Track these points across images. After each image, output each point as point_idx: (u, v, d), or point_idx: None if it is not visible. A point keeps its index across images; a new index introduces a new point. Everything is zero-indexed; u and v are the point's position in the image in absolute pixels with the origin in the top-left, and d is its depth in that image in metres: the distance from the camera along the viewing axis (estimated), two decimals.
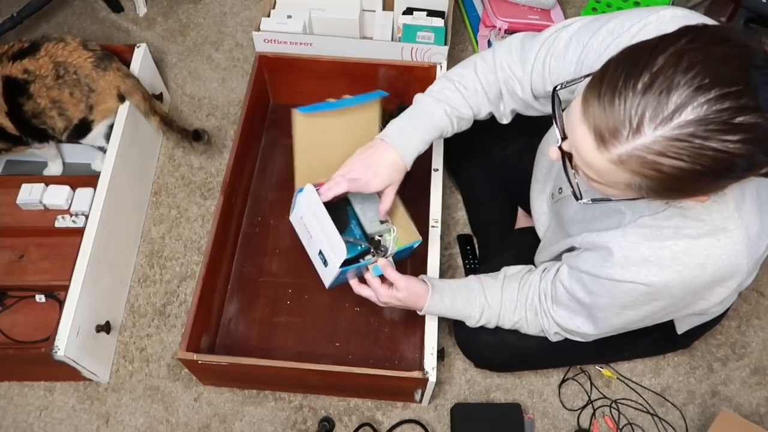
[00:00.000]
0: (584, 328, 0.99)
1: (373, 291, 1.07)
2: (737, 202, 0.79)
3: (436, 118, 1.06)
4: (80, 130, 1.39)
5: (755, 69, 0.62)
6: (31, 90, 1.30)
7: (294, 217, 1.18)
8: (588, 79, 0.70)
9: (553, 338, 1.06)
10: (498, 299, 1.05)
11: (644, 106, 0.64)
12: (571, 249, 0.99)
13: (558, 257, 1.04)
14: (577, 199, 0.77)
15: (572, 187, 0.77)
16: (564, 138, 0.75)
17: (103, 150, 1.44)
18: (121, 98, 1.39)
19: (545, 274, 1.02)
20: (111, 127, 1.40)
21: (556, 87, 0.78)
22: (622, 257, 0.85)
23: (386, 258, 1.11)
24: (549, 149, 0.78)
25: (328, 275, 1.11)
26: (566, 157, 0.75)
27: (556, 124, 0.77)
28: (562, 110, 0.78)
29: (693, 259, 0.80)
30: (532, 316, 1.04)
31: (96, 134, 1.41)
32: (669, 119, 0.63)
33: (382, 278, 1.07)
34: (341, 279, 1.14)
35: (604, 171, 0.70)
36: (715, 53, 0.63)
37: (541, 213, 1.16)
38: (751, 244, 0.80)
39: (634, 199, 0.74)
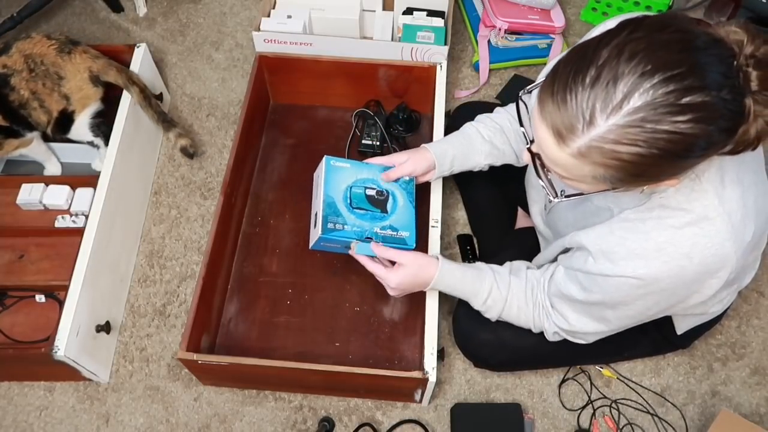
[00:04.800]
0: (578, 326, 0.99)
1: (382, 279, 1.07)
2: (717, 189, 0.80)
3: (464, 128, 1.20)
4: (63, 123, 1.40)
5: (698, 51, 0.65)
6: (13, 83, 1.32)
7: (316, 174, 1.20)
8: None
9: (551, 338, 1.06)
10: (506, 284, 1.05)
11: (594, 98, 0.66)
12: (566, 250, 1.00)
13: (555, 259, 1.04)
14: (554, 197, 0.81)
15: (544, 185, 0.80)
16: (532, 141, 0.78)
17: (93, 145, 1.45)
18: (96, 81, 1.39)
19: (544, 273, 1.03)
20: (96, 118, 1.41)
21: (519, 93, 0.82)
22: (610, 252, 0.85)
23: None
24: (521, 152, 0.81)
25: (313, 236, 1.13)
26: (536, 158, 0.78)
27: (523, 128, 0.80)
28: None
29: (678, 249, 0.81)
30: (535, 311, 1.04)
31: (80, 126, 1.41)
32: (619, 107, 0.65)
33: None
34: (328, 248, 1.14)
35: (568, 166, 0.72)
36: (655, 40, 0.66)
37: (539, 222, 1.16)
38: (736, 231, 0.81)
39: (605, 190, 0.76)
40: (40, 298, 1.33)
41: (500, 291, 1.05)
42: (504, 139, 1.17)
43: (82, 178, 1.43)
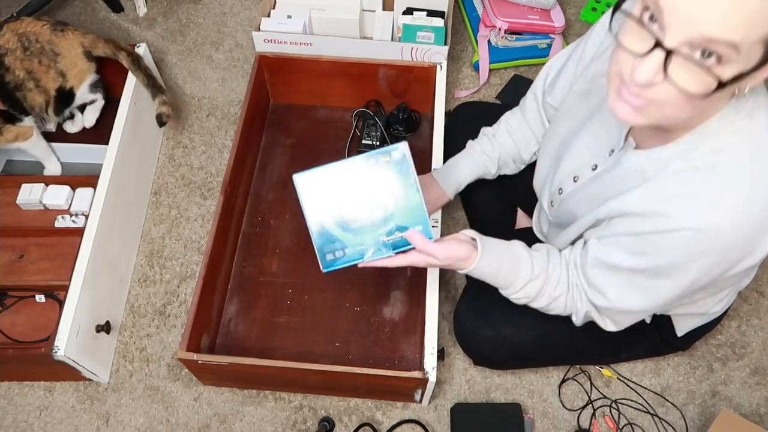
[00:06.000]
0: (618, 302, 0.90)
1: (406, 261, 0.96)
2: None
3: (476, 155, 1.22)
4: (64, 100, 1.44)
5: None
6: (7, 62, 1.33)
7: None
8: None
9: (581, 320, 0.99)
10: (544, 271, 0.96)
11: None
12: (591, 227, 0.94)
13: (573, 243, 0.99)
14: (704, 93, 0.66)
15: (681, 87, 0.66)
16: (656, 44, 0.65)
17: (93, 101, 1.51)
18: (89, 56, 1.43)
19: (573, 250, 0.96)
20: (93, 84, 1.47)
21: (618, 6, 0.70)
22: (664, 206, 0.79)
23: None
24: (638, 72, 0.67)
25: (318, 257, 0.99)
26: (671, 58, 0.65)
27: (645, 25, 0.67)
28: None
29: (738, 193, 0.75)
30: (569, 293, 0.97)
31: (81, 95, 1.47)
32: None
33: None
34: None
35: (750, 25, 0.60)
36: None
37: (542, 221, 1.15)
38: None
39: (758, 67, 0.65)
40: (40, 298, 1.33)
41: (536, 281, 0.96)
42: (508, 160, 1.20)
43: (82, 178, 1.43)
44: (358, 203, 0.95)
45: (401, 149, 0.93)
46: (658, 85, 0.67)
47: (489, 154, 1.19)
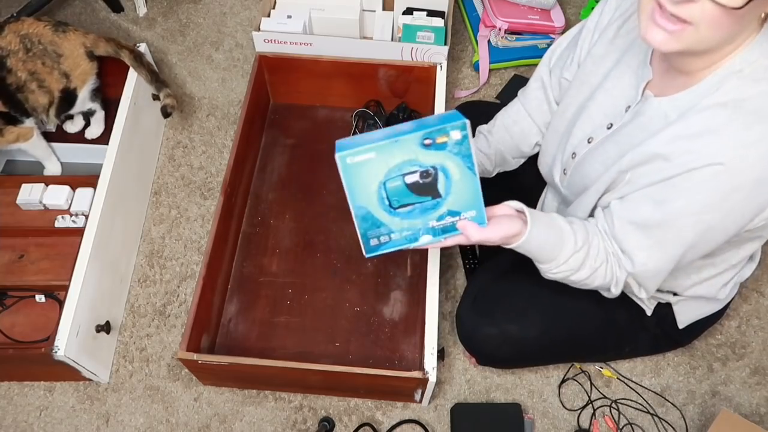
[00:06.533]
0: (643, 266, 0.89)
1: (453, 242, 0.92)
2: None
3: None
4: (67, 101, 1.44)
5: None
6: (9, 64, 1.33)
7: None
8: None
9: (619, 290, 0.95)
10: (587, 242, 0.92)
11: None
12: (608, 189, 0.92)
13: (592, 213, 0.97)
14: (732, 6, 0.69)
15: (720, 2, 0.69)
16: None
17: (90, 111, 1.50)
18: (91, 56, 1.44)
19: (598, 221, 0.94)
20: (94, 90, 1.47)
21: None
22: (692, 143, 0.79)
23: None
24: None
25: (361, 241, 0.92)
26: None
27: None
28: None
29: (766, 127, 0.76)
30: (607, 265, 0.93)
31: (82, 99, 1.46)
32: None
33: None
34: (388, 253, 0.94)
35: None
36: None
37: (549, 202, 1.15)
38: None
39: None
40: (40, 298, 1.33)
41: (579, 253, 0.91)
42: (506, 156, 1.20)
43: (82, 178, 1.43)
44: (407, 186, 0.86)
45: (461, 129, 0.81)
46: (695, 1, 0.70)
47: (485, 150, 1.19)
